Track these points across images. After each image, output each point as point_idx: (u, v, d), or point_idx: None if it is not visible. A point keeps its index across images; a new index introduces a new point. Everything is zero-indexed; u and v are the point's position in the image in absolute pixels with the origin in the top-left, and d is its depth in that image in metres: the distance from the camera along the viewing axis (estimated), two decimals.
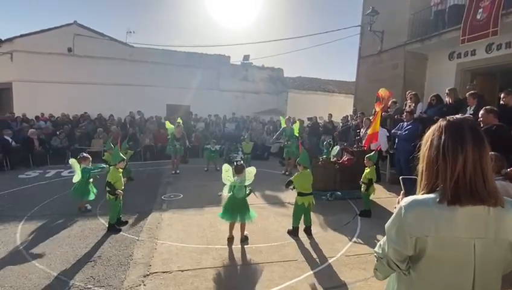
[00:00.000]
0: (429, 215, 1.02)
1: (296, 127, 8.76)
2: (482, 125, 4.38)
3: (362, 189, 5.37)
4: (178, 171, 8.70)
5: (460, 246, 1.01)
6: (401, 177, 1.33)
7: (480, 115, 4.44)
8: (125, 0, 50.09)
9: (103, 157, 6.87)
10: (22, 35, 13.39)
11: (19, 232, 4.47)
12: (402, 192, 1.28)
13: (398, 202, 1.24)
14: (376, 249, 1.20)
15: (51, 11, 41.90)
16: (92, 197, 5.31)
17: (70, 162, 5.27)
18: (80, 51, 13.80)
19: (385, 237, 1.14)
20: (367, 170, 5.33)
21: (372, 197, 5.49)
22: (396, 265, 1.10)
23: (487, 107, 4.53)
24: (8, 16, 38.90)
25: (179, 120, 9.17)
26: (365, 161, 5.42)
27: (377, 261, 1.20)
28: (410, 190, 1.28)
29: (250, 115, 15.61)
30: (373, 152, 5.54)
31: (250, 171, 4.08)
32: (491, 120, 4.30)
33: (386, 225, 1.13)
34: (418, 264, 1.07)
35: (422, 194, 1.09)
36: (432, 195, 1.06)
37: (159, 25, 54.00)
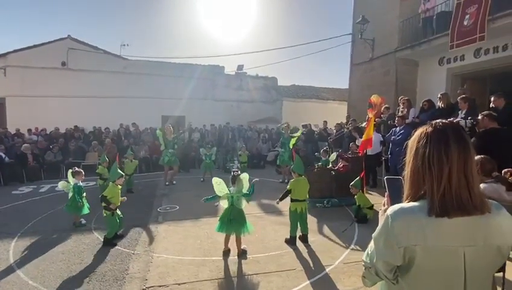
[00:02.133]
0: (417, 224, 1.01)
1: (293, 140, 8.70)
2: (478, 128, 4.46)
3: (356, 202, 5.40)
4: (174, 183, 8.65)
5: (450, 255, 1.01)
6: (385, 177, 1.31)
7: (478, 119, 4.53)
8: (119, 14, 50.56)
9: (97, 171, 6.81)
10: (15, 51, 13.40)
11: (12, 249, 4.39)
12: (386, 194, 1.25)
13: (384, 205, 1.25)
14: (364, 257, 1.17)
15: (44, 25, 42.12)
16: (86, 211, 5.25)
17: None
18: (74, 64, 13.83)
19: (372, 245, 1.13)
20: (356, 197, 5.41)
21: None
22: (384, 275, 1.09)
23: (485, 112, 4.61)
24: (1, 30, 39.00)
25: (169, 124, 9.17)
26: (350, 189, 5.47)
27: (365, 269, 1.18)
28: (395, 191, 1.26)
29: (245, 124, 15.66)
30: (357, 178, 5.56)
31: (244, 178, 4.07)
32: (487, 123, 4.37)
33: (374, 235, 1.11)
34: (407, 274, 1.06)
35: (408, 202, 1.08)
36: (417, 203, 1.05)
37: (152, 37, 54.45)
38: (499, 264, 1.07)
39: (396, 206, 1.06)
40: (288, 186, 4.45)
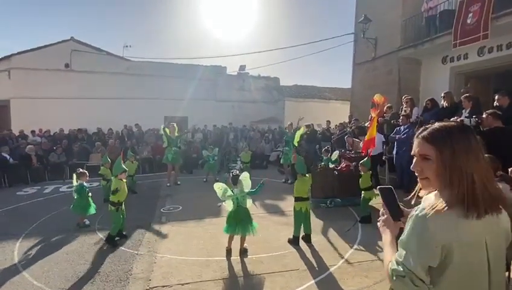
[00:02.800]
0: (450, 222, 1.01)
1: (298, 133, 8.71)
2: (483, 127, 4.44)
3: (363, 195, 5.37)
4: (179, 183, 8.66)
5: (480, 247, 1.04)
6: (378, 187, 1.30)
7: (482, 118, 4.50)
8: (122, 15, 50.81)
9: (99, 172, 6.84)
10: (19, 53, 13.49)
11: (17, 250, 4.42)
12: (383, 203, 1.26)
13: (383, 215, 1.27)
14: (395, 267, 1.09)
15: (48, 27, 42.41)
16: (92, 211, 5.28)
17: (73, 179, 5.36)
18: (77, 66, 13.91)
19: (402, 253, 1.08)
20: (362, 177, 5.37)
21: (372, 202, 5.46)
22: (422, 280, 1.05)
23: (489, 110, 4.58)
24: (4, 33, 39.34)
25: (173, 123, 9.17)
26: (359, 167, 5.46)
27: (394, 280, 1.09)
28: (389, 199, 1.27)
29: (247, 125, 15.67)
30: (366, 158, 5.57)
31: (245, 178, 4.07)
32: (491, 122, 4.34)
33: (402, 240, 1.08)
34: (443, 275, 1.04)
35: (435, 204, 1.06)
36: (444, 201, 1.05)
37: (155, 39, 54.65)
38: (505, 248, 1.12)
39: (426, 207, 1.06)
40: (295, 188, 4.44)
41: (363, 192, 5.35)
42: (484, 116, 4.40)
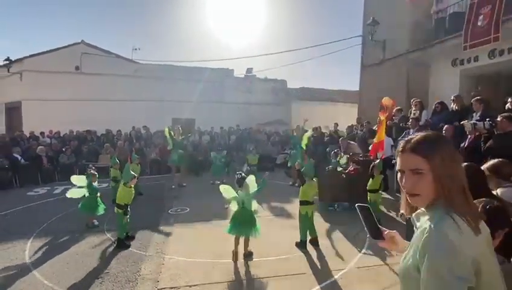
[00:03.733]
0: (468, 235, 0.94)
1: (305, 137, 8.71)
2: (497, 131, 4.36)
3: (369, 198, 5.33)
4: (184, 184, 8.70)
5: (493, 256, 1.03)
6: (356, 205, 1.28)
7: (496, 121, 4.42)
8: (131, 18, 51.48)
9: (110, 174, 6.92)
10: (31, 56, 13.78)
11: (28, 249, 4.49)
12: (362, 221, 1.25)
13: (376, 239, 1.27)
14: None
15: (59, 30, 43.17)
16: (101, 211, 5.34)
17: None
18: (87, 68, 14.13)
19: (429, 284, 0.91)
20: (372, 180, 5.32)
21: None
22: None
23: (504, 114, 4.49)
24: (16, 36, 40.18)
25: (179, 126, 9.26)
26: (372, 171, 5.41)
27: None
28: (367, 219, 1.25)
29: (254, 127, 15.68)
30: (378, 160, 5.54)
31: (251, 180, 4.08)
32: (506, 126, 4.27)
33: (428, 267, 0.91)
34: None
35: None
36: (446, 215, 0.97)
37: (163, 41, 55.20)
38: None
39: (444, 226, 0.94)
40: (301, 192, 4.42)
41: (368, 193, 5.32)
42: (499, 119, 4.32)
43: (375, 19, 10.31)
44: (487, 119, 4.99)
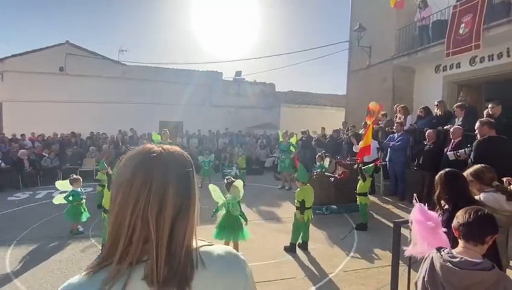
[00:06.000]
0: None
1: (293, 140, 8.80)
2: (478, 136, 4.49)
3: (358, 201, 5.41)
4: None
5: None
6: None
7: (476, 127, 4.55)
8: (118, 19, 50.74)
9: (96, 177, 6.77)
10: (13, 56, 13.40)
11: (8, 257, 4.32)
12: None
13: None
14: None
15: (43, 30, 42.06)
16: (84, 218, 5.20)
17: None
18: (72, 70, 13.82)
19: None
20: (361, 183, 5.39)
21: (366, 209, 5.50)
22: None
23: (482, 119, 4.63)
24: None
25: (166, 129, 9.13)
26: (362, 172, 5.49)
27: None
28: None
29: (243, 130, 15.68)
30: (371, 164, 5.63)
31: (238, 185, 4.07)
32: (486, 131, 4.40)
33: None
34: None
35: None
36: None
37: (151, 43, 54.63)
38: None
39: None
40: (297, 198, 4.40)
41: (357, 197, 5.40)
42: (478, 125, 4.46)
43: (362, 25, 10.53)
44: (468, 145, 5.18)
